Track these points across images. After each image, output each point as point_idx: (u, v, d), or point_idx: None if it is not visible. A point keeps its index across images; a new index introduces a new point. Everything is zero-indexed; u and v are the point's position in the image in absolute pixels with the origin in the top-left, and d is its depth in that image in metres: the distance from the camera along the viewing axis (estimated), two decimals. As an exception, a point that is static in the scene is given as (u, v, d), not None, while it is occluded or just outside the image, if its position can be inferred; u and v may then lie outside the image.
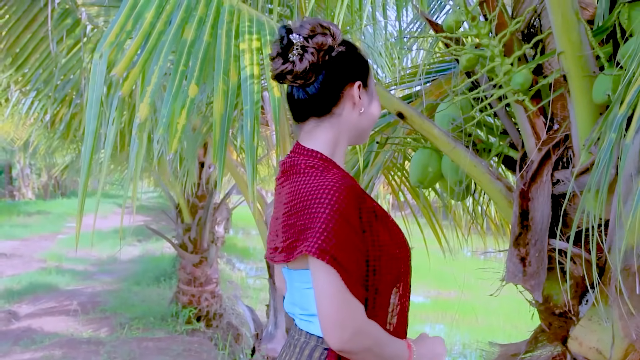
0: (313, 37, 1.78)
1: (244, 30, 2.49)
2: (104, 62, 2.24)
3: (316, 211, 1.68)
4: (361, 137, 1.95)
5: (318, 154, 1.83)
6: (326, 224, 1.65)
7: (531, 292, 2.50)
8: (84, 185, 2.22)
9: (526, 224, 2.51)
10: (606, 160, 1.74)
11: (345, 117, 1.85)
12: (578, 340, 2.48)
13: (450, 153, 2.65)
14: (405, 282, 1.85)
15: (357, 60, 1.86)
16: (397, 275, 1.80)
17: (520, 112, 2.60)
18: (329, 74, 1.81)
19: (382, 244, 1.76)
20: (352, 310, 1.67)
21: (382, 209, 1.81)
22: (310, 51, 1.78)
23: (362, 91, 1.85)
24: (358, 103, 1.84)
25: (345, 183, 1.72)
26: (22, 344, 7.94)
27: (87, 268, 14.22)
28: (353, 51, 1.86)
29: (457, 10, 2.59)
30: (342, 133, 1.87)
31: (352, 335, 1.66)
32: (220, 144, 2.26)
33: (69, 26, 5.34)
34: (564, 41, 2.30)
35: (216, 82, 2.32)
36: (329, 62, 1.81)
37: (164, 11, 2.38)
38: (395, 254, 1.79)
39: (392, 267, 1.78)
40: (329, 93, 1.83)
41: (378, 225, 1.76)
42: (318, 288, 1.69)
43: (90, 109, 2.23)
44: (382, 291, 1.77)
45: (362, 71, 1.86)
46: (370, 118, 1.91)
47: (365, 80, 1.86)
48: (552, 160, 2.49)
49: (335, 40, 1.80)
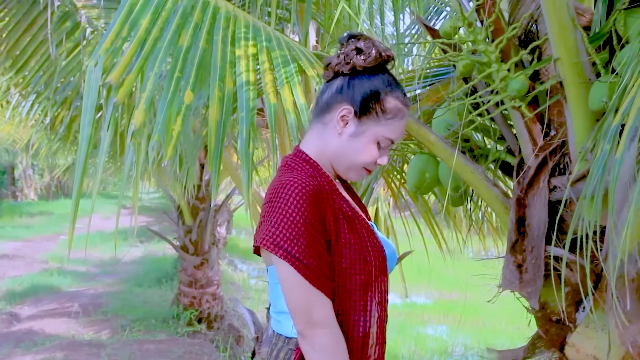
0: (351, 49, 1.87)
1: (240, 36, 2.49)
2: (99, 69, 2.24)
3: (274, 206, 1.75)
4: (338, 165, 1.92)
5: (303, 154, 1.91)
6: (280, 218, 1.72)
7: (528, 299, 2.49)
8: (78, 191, 2.21)
9: (523, 231, 2.50)
10: (599, 171, 1.73)
11: (329, 131, 1.89)
12: (575, 347, 2.47)
13: (447, 159, 2.65)
14: (380, 287, 1.86)
15: (367, 92, 1.85)
16: (368, 278, 1.82)
17: (517, 118, 2.59)
18: (337, 82, 1.89)
19: (348, 243, 1.80)
20: (316, 301, 1.73)
21: (352, 211, 1.86)
22: (340, 55, 1.88)
23: (351, 118, 1.85)
24: (337, 123, 1.86)
25: (309, 180, 1.78)
26: (23, 346, 7.94)
27: (89, 269, 14.22)
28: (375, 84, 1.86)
29: (454, 16, 2.58)
30: (326, 146, 1.90)
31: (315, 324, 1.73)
32: (215, 150, 2.26)
33: (69, 29, 5.34)
34: (560, 48, 2.29)
35: (212, 89, 2.31)
36: (346, 74, 1.88)
37: (159, 17, 2.38)
38: (364, 255, 1.82)
39: (362, 269, 1.81)
40: (325, 96, 1.90)
41: (344, 225, 1.81)
42: (281, 282, 1.78)
43: (85, 114, 2.23)
44: (351, 290, 1.81)
45: (364, 104, 1.85)
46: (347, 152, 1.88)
47: (361, 113, 1.85)
48: (548, 166, 2.48)
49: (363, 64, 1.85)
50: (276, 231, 1.73)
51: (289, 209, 1.73)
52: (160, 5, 2.40)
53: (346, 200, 1.88)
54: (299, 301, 1.74)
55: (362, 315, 1.82)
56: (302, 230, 1.72)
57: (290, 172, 1.84)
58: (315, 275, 1.71)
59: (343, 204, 1.85)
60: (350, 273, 1.80)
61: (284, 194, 1.75)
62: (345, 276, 1.80)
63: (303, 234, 1.72)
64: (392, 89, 1.86)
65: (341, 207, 1.83)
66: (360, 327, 1.82)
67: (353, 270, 1.80)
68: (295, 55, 2.52)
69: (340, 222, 1.81)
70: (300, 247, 1.71)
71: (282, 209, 1.73)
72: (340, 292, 1.80)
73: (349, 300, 1.81)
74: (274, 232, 1.73)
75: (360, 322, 1.82)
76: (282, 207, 1.73)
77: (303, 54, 2.56)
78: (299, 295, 1.74)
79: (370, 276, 1.83)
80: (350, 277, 1.80)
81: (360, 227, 1.85)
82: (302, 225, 1.72)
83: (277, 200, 1.75)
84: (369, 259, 1.83)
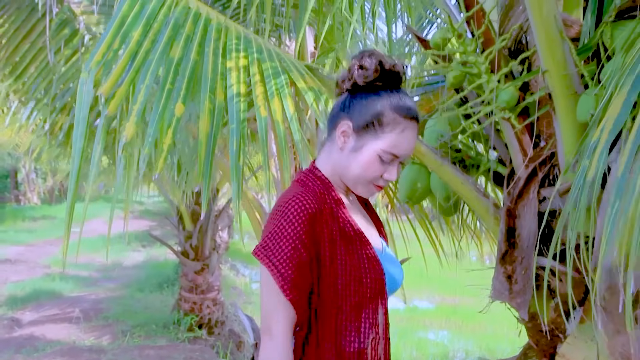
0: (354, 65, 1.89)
1: (231, 48, 2.51)
2: (91, 81, 2.26)
3: (274, 219, 1.81)
4: (346, 180, 1.93)
5: (316, 170, 1.95)
6: (275, 230, 1.78)
7: (517, 310, 2.50)
8: (72, 204, 2.23)
9: (513, 242, 2.51)
10: (580, 184, 1.74)
11: (335, 147, 1.92)
12: (565, 358, 2.48)
13: (437, 170, 2.65)
14: (375, 309, 1.87)
15: (364, 106, 1.87)
16: (362, 300, 1.84)
17: (507, 129, 2.60)
18: (340, 99, 1.94)
19: (343, 265, 1.83)
20: (279, 311, 1.78)
21: (354, 232, 1.87)
22: (346, 74, 1.91)
23: (351, 133, 1.87)
24: (337, 138, 1.89)
25: (312, 199, 1.82)
26: (24, 351, 7.96)
27: (91, 274, 14.25)
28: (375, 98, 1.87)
29: (444, 28, 2.59)
30: (335, 161, 1.93)
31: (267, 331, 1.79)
32: (205, 162, 2.27)
33: (67, 36, 5.37)
34: (548, 59, 2.30)
35: (202, 100, 2.33)
36: (346, 91, 1.92)
37: (151, 29, 2.40)
38: (359, 277, 1.84)
39: (357, 290, 1.83)
40: (332, 112, 1.95)
41: (341, 247, 1.84)
42: (261, 286, 1.85)
43: (77, 127, 2.25)
44: (346, 311, 1.83)
45: (362, 118, 1.86)
46: (350, 166, 1.89)
47: (359, 127, 1.86)
48: (538, 177, 2.49)
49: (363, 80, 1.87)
50: (268, 241, 1.79)
51: (285, 222, 1.78)
52: (152, 17, 2.42)
53: (350, 221, 1.89)
54: (265, 306, 1.81)
55: (356, 336, 1.85)
56: (289, 242, 1.76)
57: (298, 189, 1.88)
58: (289, 286, 1.75)
59: (346, 224, 1.87)
60: (345, 294, 1.83)
61: (285, 209, 1.80)
62: (341, 297, 1.82)
63: (289, 246, 1.76)
64: (392, 103, 1.86)
65: (342, 228, 1.85)
66: (355, 346, 1.84)
67: (347, 291, 1.83)
68: (286, 67, 2.53)
69: (338, 243, 1.83)
70: (282, 257, 1.76)
71: (279, 222, 1.79)
72: (336, 312, 1.83)
73: (343, 319, 1.84)
74: (266, 241, 1.79)
75: (355, 342, 1.84)
76: (280, 220, 1.79)
77: (294, 65, 2.58)
78: (267, 300, 1.80)
79: (364, 298, 1.85)
80: (344, 298, 1.83)
81: (360, 248, 1.87)
82: (291, 238, 1.76)
83: (277, 215, 1.81)
84: (364, 280, 1.84)
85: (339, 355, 1.83)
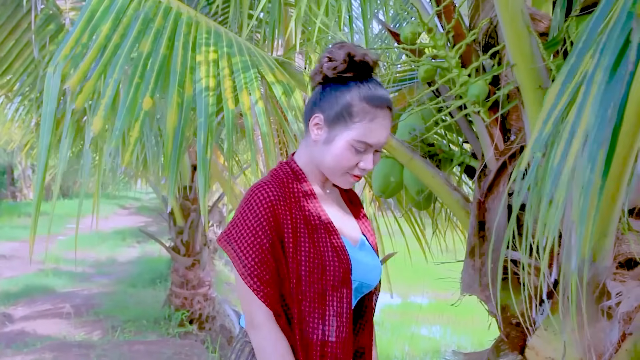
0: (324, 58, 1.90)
1: (201, 42, 2.51)
2: (58, 75, 2.26)
3: (239, 207, 1.86)
4: (325, 171, 1.96)
5: (291, 162, 1.98)
6: (238, 218, 1.83)
7: (486, 303, 2.51)
8: (39, 197, 2.23)
9: (483, 235, 2.52)
10: (532, 178, 1.75)
11: (311, 140, 1.94)
12: (535, 350, 2.49)
13: (408, 164, 2.66)
14: (339, 299, 1.87)
15: (333, 97, 1.89)
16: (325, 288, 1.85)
17: (479, 123, 2.61)
18: (313, 93, 1.97)
19: (305, 252, 1.85)
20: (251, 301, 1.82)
21: (319, 221, 1.90)
22: (317, 68, 1.93)
23: (322, 126, 1.90)
24: (312, 130, 1.92)
25: (275, 187, 1.86)
26: (14, 346, 7.95)
27: (85, 270, 14.23)
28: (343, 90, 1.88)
29: (414, 22, 2.59)
30: (311, 154, 1.96)
31: (251, 324, 1.84)
32: (173, 156, 2.28)
33: (53, 32, 5.36)
34: (515, 53, 2.31)
35: (170, 94, 2.33)
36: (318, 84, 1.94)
37: (120, 24, 2.40)
38: (322, 265, 1.85)
39: (320, 278, 1.85)
40: (306, 107, 1.97)
41: (305, 234, 1.86)
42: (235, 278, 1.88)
43: (45, 122, 2.25)
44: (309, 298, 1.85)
45: (332, 110, 1.88)
46: (325, 158, 1.91)
47: (330, 119, 1.88)
48: (508, 170, 2.50)
49: (333, 72, 1.88)
50: (231, 228, 1.84)
51: (247, 210, 1.82)
52: (122, 12, 2.42)
53: (317, 210, 1.91)
54: (241, 298, 1.86)
55: (320, 324, 1.86)
56: (250, 230, 1.80)
57: (266, 178, 1.92)
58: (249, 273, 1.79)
59: (312, 213, 1.89)
60: (308, 281, 1.84)
61: (249, 197, 1.84)
62: (305, 284, 1.84)
63: (249, 233, 1.80)
64: (361, 93, 1.87)
65: (307, 217, 1.88)
66: (318, 334, 1.86)
67: (311, 278, 1.84)
68: (256, 61, 2.53)
69: (301, 231, 1.85)
70: (243, 244, 1.80)
71: (242, 209, 1.84)
72: (299, 298, 1.84)
73: (307, 307, 1.85)
74: (229, 229, 1.85)
75: (318, 330, 1.86)
76: (243, 208, 1.84)
77: (264, 59, 2.58)
78: (241, 290, 1.84)
79: (326, 286, 1.85)
80: (308, 285, 1.84)
81: (326, 237, 1.89)
82: (252, 225, 1.80)
83: (242, 203, 1.85)
84: (328, 269, 1.85)
85: (303, 343, 1.85)
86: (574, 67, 1.60)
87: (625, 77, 1.37)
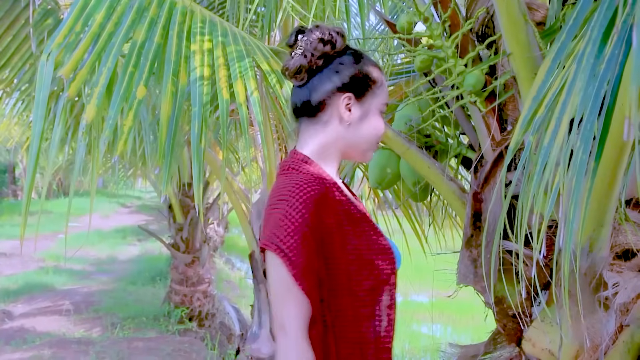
0: (314, 42, 1.80)
1: (196, 31, 2.49)
2: (51, 63, 2.24)
3: (278, 208, 1.70)
4: (355, 152, 1.89)
5: (302, 156, 1.84)
6: (281, 218, 1.67)
7: (482, 294, 2.49)
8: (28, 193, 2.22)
9: (479, 225, 2.50)
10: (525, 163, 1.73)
11: (333, 127, 1.84)
12: (531, 342, 2.47)
13: (404, 154, 2.64)
14: (390, 290, 1.81)
15: (355, 73, 1.82)
16: (376, 283, 1.77)
17: (476, 113, 2.59)
18: (317, 79, 1.83)
19: (355, 250, 1.75)
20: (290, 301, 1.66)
21: (360, 213, 1.80)
22: (306, 54, 1.81)
23: (353, 104, 1.82)
24: (343, 114, 1.82)
25: (315, 184, 1.73)
26: (13, 343, 7.95)
27: (85, 267, 14.25)
28: (354, 63, 1.83)
29: (410, 11, 2.58)
30: (330, 142, 1.85)
31: (281, 327, 1.66)
32: (167, 145, 2.26)
33: (51, 26, 5.33)
34: (512, 43, 2.29)
35: (165, 83, 2.31)
36: (321, 68, 1.83)
37: (114, 12, 2.38)
38: (371, 259, 1.77)
39: (370, 274, 1.77)
40: (313, 97, 1.83)
41: (349, 231, 1.76)
42: (268, 280, 1.71)
43: (37, 109, 2.23)
44: (361, 297, 1.76)
45: (358, 85, 1.82)
46: (361, 135, 1.85)
47: (359, 94, 1.83)
48: (505, 161, 2.48)
49: (332, 49, 1.81)
50: (275, 230, 1.68)
51: (291, 210, 1.68)
52: (116, 0, 2.40)
53: (354, 202, 1.83)
54: (275, 301, 1.70)
55: (372, 320, 1.78)
56: (298, 230, 1.66)
57: (296, 174, 1.80)
58: (301, 274, 1.65)
59: (350, 206, 1.80)
60: (358, 279, 1.76)
61: (289, 196, 1.71)
62: (354, 282, 1.75)
63: (298, 233, 1.66)
64: (364, 59, 1.85)
65: (348, 210, 1.78)
66: (374, 330, 1.78)
67: (360, 276, 1.76)
68: (251, 50, 2.52)
69: (345, 228, 1.76)
70: (292, 244, 1.65)
71: (284, 210, 1.69)
72: (352, 299, 1.76)
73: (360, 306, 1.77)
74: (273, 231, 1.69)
75: (370, 327, 1.78)
76: (285, 208, 1.69)
77: (259, 48, 2.56)
78: (278, 293, 1.69)
79: (377, 280, 1.78)
80: (358, 283, 1.75)
81: (368, 229, 1.81)
82: (300, 225, 1.66)
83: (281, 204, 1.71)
84: (377, 263, 1.78)
85: (361, 343, 1.77)
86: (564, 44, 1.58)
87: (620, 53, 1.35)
